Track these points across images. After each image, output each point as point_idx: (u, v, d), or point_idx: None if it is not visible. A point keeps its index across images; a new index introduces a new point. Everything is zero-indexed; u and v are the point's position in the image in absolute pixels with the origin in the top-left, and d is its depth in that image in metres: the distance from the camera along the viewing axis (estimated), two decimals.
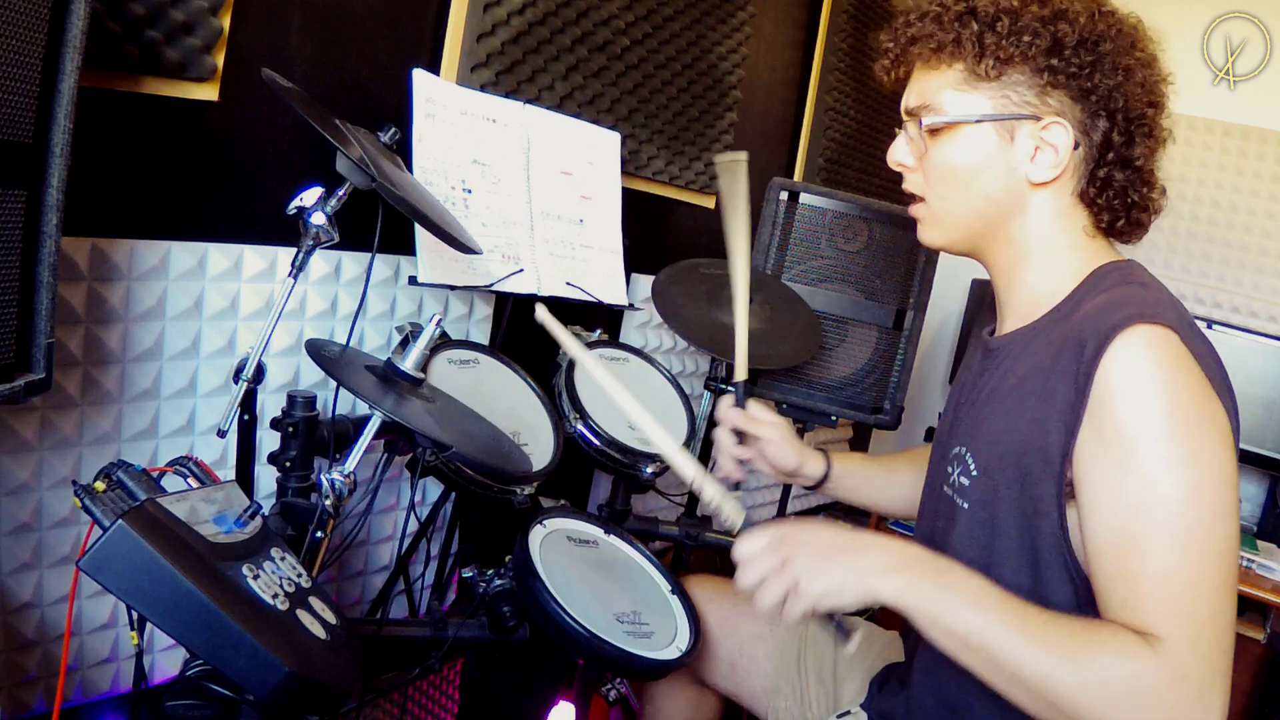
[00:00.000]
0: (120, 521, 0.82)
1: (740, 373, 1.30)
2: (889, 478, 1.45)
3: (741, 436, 1.31)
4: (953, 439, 1.13)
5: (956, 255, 1.16)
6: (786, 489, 2.34)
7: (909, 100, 1.09)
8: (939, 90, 1.05)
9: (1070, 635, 0.86)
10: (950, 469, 1.10)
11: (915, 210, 1.13)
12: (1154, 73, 1.03)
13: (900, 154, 1.11)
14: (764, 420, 1.32)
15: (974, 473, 1.05)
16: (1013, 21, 0.99)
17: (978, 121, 1.02)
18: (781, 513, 2.33)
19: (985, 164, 1.03)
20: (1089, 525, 0.92)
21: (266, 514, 1.03)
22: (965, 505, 1.06)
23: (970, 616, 0.88)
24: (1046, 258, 1.06)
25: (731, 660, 1.44)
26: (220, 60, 1.35)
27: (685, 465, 1.08)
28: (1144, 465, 0.87)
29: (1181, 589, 0.84)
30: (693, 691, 1.50)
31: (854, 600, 0.92)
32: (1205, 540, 0.86)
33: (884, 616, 1.79)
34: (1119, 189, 1.03)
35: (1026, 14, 0.99)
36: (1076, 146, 1.01)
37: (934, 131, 1.05)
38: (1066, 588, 0.97)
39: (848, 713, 1.29)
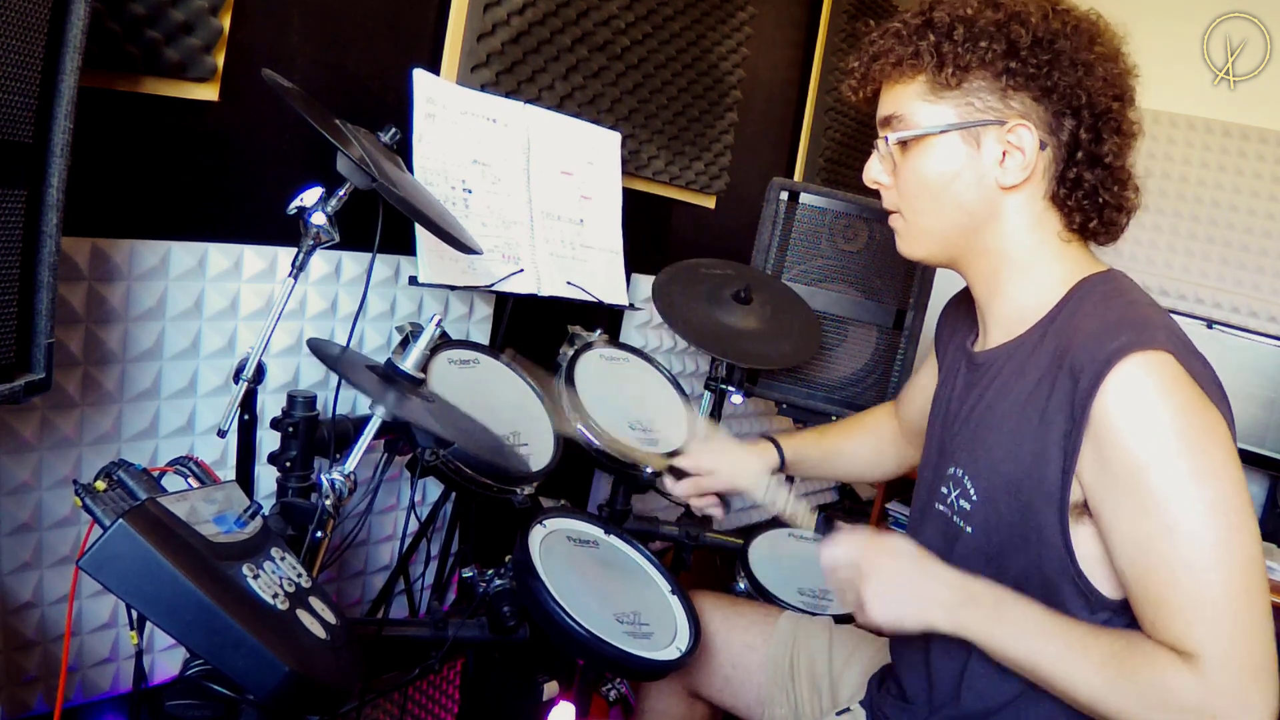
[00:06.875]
0: (120, 521, 0.82)
1: (656, 464, 1.51)
2: (852, 452, 1.55)
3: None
4: (947, 458, 1.13)
5: (937, 266, 1.17)
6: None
7: (880, 114, 1.10)
8: (906, 103, 1.05)
9: (1114, 651, 0.91)
10: (946, 489, 1.11)
11: (893, 223, 1.15)
12: (1117, 66, 1.02)
13: (874, 171, 1.13)
14: (704, 469, 1.42)
15: (974, 498, 1.06)
16: (968, 28, 0.99)
17: (943, 131, 1.03)
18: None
19: (956, 173, 1.04)
20: (1113, 555, 0.94)
21: (266, 514, 1.03)
22: (969, 529, 1.06)
23: (1022, 645, 0.95)
24: (1026, 267, 1.06)
25: (725, 673, 1.44)
26: (220, 60, 1.35)
27: (760, 496, 1.24)
28: (1157, 494, 0.88)
29: (1209, 608, 0.87)
30: (684, 706, 1.50)
31: (913, 628, 1.01)
32: (1228, 551, 0.87)
33: None
34: (1089, 188, 1.02)
35: (981, 19, 1.00)
36: (1043, 147, 1.01)
37: (904, 145, 1.06)
38: (1079, 603, 0.98)
39: (847, 709, 1.29)
